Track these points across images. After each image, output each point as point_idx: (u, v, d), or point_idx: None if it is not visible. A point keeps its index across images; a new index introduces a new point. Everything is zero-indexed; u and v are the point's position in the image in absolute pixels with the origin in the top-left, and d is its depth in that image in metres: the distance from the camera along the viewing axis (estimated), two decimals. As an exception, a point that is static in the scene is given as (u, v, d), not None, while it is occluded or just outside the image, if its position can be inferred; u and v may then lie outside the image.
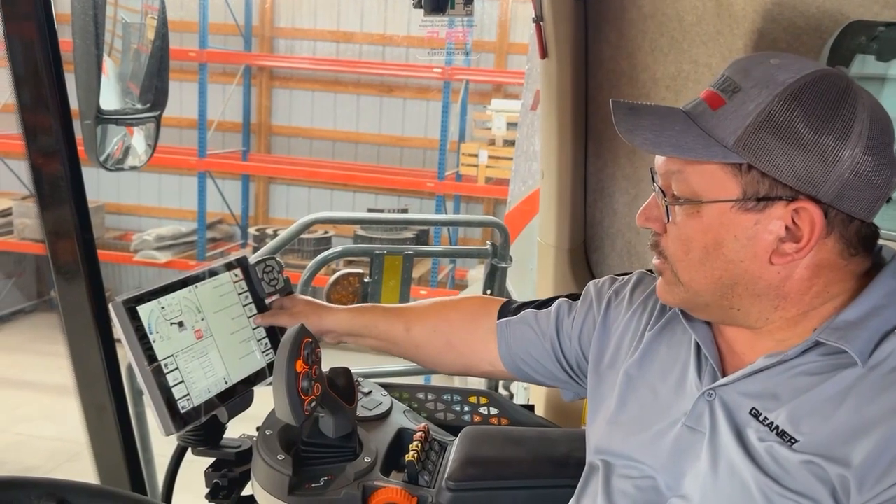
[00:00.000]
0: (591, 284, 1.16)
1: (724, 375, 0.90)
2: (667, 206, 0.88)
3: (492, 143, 6.09)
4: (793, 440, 0.80)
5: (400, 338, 1.27)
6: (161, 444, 1.73)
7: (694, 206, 0.85)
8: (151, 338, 1.08)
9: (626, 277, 1.14)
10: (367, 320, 1.28)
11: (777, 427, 0.82)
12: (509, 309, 1.22)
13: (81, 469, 3.73)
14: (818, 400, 0.81)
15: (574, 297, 1.18)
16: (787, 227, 0.82)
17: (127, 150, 1.44)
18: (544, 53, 1.60)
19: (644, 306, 1.06)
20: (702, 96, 0.88)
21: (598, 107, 1.66)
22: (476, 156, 6.09)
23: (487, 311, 1.23)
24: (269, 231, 6.46)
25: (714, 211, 0.84)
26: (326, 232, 6.21)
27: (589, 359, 1.10)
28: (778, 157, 0.80)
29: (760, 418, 0.84)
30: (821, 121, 0.79)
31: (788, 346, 0.85)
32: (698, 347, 0.94)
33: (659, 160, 0.90)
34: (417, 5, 1.46)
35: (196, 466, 1.26)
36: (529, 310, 1.19)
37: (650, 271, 1.11)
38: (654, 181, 0.92)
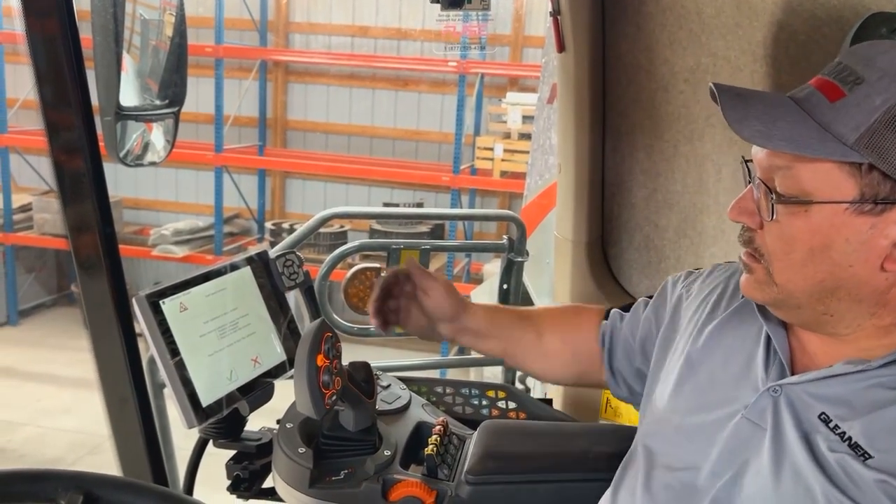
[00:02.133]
0: (669, 279, 1.15)
1: (793, 373, 0.87)
2: (772, 204, 0.82)
3: (507, 136, 6.07)
4: (866, 455, 0.77)
5: (530, 345, 1.24)
6: (180, 436, 1.75)
7: (802, 205, 0.80)
8: (174, 332, 1.09)
9: (702, 270, 1.12)
10: (501, 320, 1.25)
11: (850, 438, 0.79)
12: (606, 314, 1.22)
13: (103, 461, 3.79)
14: None
15: (652, 295, 1.18)
16: None
17: (146, 146, 1.45)
18: (561, 47, 1.59)
19: (714, 293, 1.03)
20: (814, 85, 0.82)
21: (615, 100, 1.65)
22: (491, 149, 6.08)
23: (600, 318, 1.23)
24: (286, 225, 6.49)
25: (825, 212, 0.79)
26: (342, 226, 6.22)
27: (654, 347, 1.08)
28: None
29: (831, 425, 0.81)
30: None
31: (872, 355, 0.82)
32: (768, 340, 0.91)
33: (760, 151, 0.84)
34: (434, 0, 1.45)
35: (212, 460, 1.28)
36: (616, 310, 1.19)
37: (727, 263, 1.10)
38: (748, 172, 0.87)
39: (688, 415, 0.93)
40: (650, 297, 1.17)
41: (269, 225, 6.73)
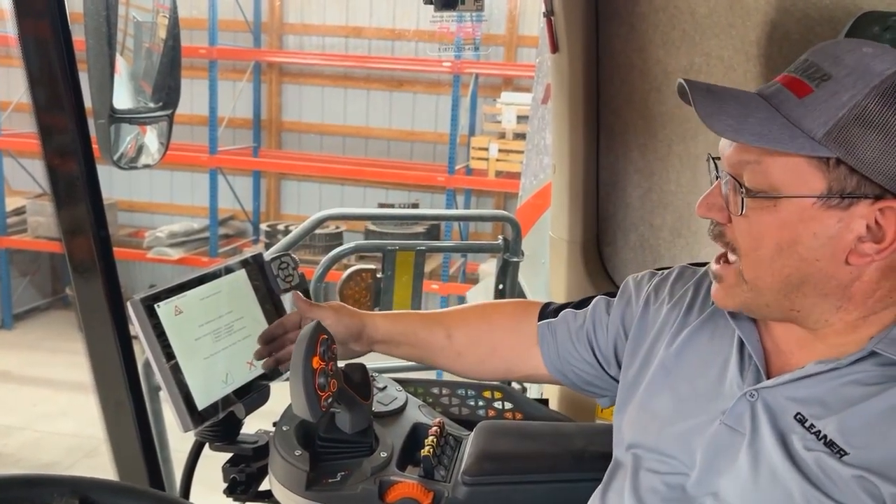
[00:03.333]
0: (630, 279, 1.14)
1: (768, 376, 0.88)
2: (742, 199, 0.83)
3: (502, 136, 6.08)
4: (842, 452, 0.78)
5: (440, 345, 1.23)
6: (176, 439, 1.75)
7: (771, 200, 0.81)
8: (169, 335, 1.09)
9: (667, 272, 1.11)
10: (406, 326, 1.24)
11: (825, 437, 0.79)
12: (549, 311, 1.19)
13: (99, 464, 3.78)
14: (871, 413, 0.78)
15: (613, 294, 1.15)
16: (868, 227, 0.78)
17: (140, 149, 1.45)
18: (555, 48, 1.60)
19: (685, 299, 1.03)
20: (782, 82, 0.83)
21: (609, 100, 1.65)
22: (486, 149, 6.08)
23: (528, 313, 1.20)
24: (281, 227, 6.48)
25: (794, 206, 0.80)
26: (338, 227, 6.22)
27: (625, 352, 1.07)
28: (870, 154, 0.76)
29: (806, 425, 0.81)
30: None
31: (843, 352, 0.83)
32: (742, 344, 0.91)
33: (728, 147, 0.85)
34: (428, 1, 1.45)
35: (208, 462, 1.28)
36: (569, 310, 1.17)
37: (692, 265, 1.09)
38: (716, 168, 0.88)
39: (668, 422, 0.94)
40: (608, 295, 1.16)
41: (264, 226, 6.73)
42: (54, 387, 5.20)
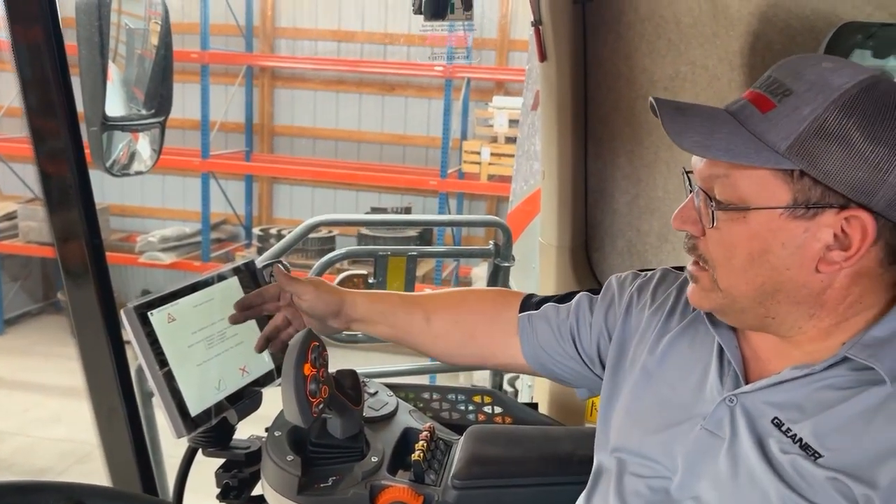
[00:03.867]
0: (613, 279, 1.15)
1: (746, 382, 0.90)
2: (712, 212, 0.85)
3: (494, 140, 6.10)
4: (817, 454, 0.80)
5: (418, 328, 1.23)
6: (169, 444, 1.75)
7: (740, 212, 0.83)
8: (162, 342, 1.10)
9: (650, 274, 1.12)
10: (386, 307, 1.25)
11: (801, 440, 0.81)
12: (531, 303, 1.20)
13: (92, 470, 3.77)
14: (845, 416, 0.80)
15: (595, 291, 1.17)
16: (835, 235, 0.80)
17: (132, 156, 1.46)
18: (543, 56, 1.62)
19: (667, 304, 1.05)
20: (747, 97, 0.85)
21: (597, 108, 1.68)
22: (478, 153, 6.10)
23: (509, 303, 1.21)
24: (273, 231, 6.48)
25: (762, 217, 0.82)
26: (330, 231, 6.22)
27: (608, 353, 1.09)
28: (832, 165, 0.78)
29: (783, 429, 0.83)
30: (877, 128, 0.78)
31: (817, 358, 0.85)
32: (721, 350, 0.93)
33: (698, 162, 0.88)
34: (417, 11, 1.47)
35: (200, 469, 1.29)
36: (551, 304, 1.18)
37: (675, 268, 1.11)
38: (689, 183, 0.90)
39: (651, 427, 0.96)
40: (591, 292, 1.17)
41: (256, 231, 6.72)
42: (46, 392, 5.18)
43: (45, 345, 6.22)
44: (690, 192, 0.90)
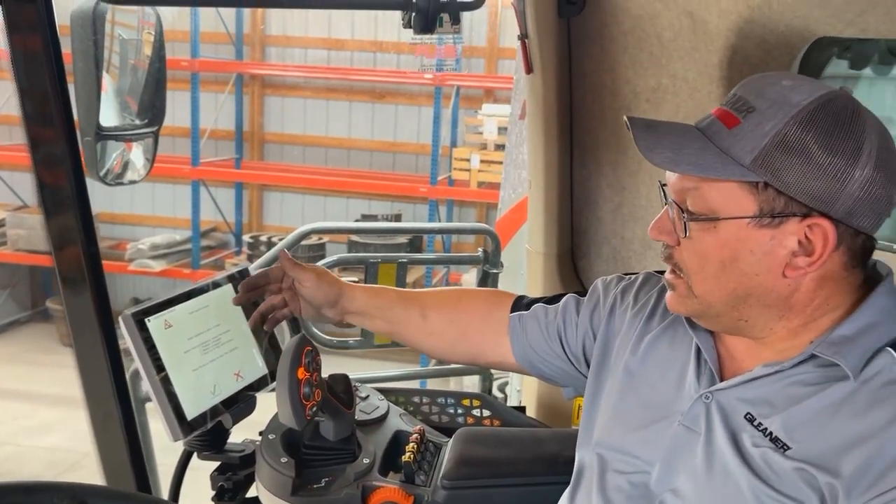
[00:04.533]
0: (599, 281, 1.20)
1: (721, 380, 0.94)
2: (685, 222, 0.90)
3: (483, 147, 6.15)
4: (785, 447, 0.84)
5: (414, 325, 1.28)
6: (160, 452, 1.77)
7: (711, 222, 0.88)
8: (159, 348, 1.13)
9: (634, 277, 1.17)
10: (383, 302, 1.29)
11: (771, 433, 0.86)
12: (522, 303, 1.25)
13: (82, 478, 3.76)
14: (812, 410, 0.85)
15: (582, 293, 1.21)
16: (800, 242, 0.85)
17: (126, 165, 1.48)
18: (529, 69, 1.66)
19: (648, 306, 1.09)
20: (714, 114, 0.90)
21: (582, 119, 1.71)
22: (468, 160, 6.15)
23: (501, 303, 1.26)
24: (264, 238, 6.50)
25: (731, 227, 0.87)
26: (321, 238, 6.25)
27: (592, 353, 1.13)
28: (793, 177, 0.83)
29: (755, 423, 0.88)
30: (834, 141, 0.82)
31: (786, 356, 0.89)
32: (699, 350, 0.98)
33: (672, 176, 0.92)
34: (407, 25, 1.51)
35: (196, 474, 1.32)
36: (540, 305, 1.23)
37: (657, 272, 1.14)
38: (664, 195, 0.95)
39: (633, 424, 1.00)
40: (578, 294, 1.22)
41: (246, 238, 6.73)
42: (36, 400, 5.16)
43: (34, 353, 6.20)
44: (665, 204, 0.95)
